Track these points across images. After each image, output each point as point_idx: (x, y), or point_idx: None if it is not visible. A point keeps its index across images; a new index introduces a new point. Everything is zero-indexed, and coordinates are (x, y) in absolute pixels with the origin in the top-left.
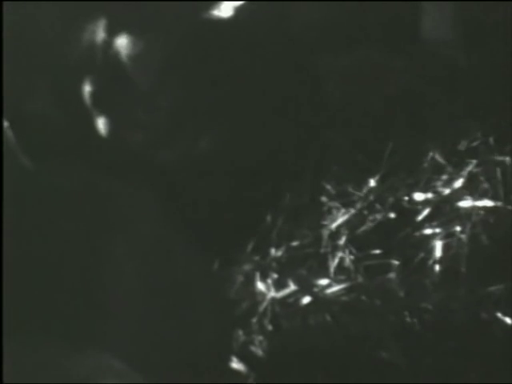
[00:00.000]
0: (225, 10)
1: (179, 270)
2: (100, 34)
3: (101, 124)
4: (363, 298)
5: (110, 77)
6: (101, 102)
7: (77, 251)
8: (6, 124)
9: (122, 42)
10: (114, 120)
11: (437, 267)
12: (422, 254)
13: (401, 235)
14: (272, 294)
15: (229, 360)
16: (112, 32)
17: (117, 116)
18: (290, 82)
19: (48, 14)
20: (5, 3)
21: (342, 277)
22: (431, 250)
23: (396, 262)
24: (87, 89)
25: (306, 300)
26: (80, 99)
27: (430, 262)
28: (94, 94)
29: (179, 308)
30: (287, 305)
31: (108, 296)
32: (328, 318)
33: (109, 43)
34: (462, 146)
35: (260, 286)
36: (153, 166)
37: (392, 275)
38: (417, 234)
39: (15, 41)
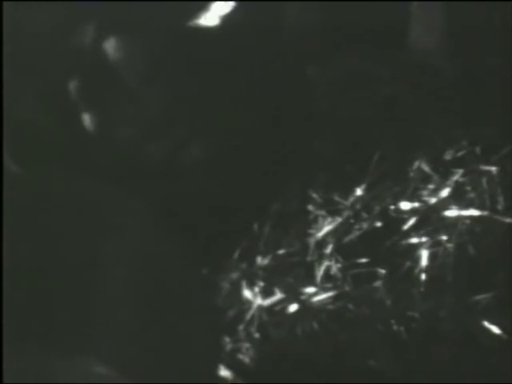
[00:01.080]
0: (214, 15)
1: (166, 276)
2: (88, 38)
3: (89, 126)
4: (350, 306)
5: (97, 77)
6: (89, 103)
7: (66, 257)
8: None
9: (111, 45)
10: (103, 121)
11: (423, 276)
12: (408, 263)
13: (387, 244)
14: (259, 301)
15: (216, 367)
16: (100, 35)
17: (105, 117)
18: (277, 90)
19: (36, 17)
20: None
21: (329, 285)
22: (418, 259)
23: (382, 271)
24: (75, 90)
25: (293, 308)
26: (68, 102)
27: (417, 270)
28: (81, 95)
29: (166, 315)
30: (274, 313)
31: (97, 302)
32: (315, 326)
33: (97, 46)
34: (449, 155)
35: (247, 293)
36: (143, 172)
37: (379, 284)
38: (403, 242)
39: (2, 44)
